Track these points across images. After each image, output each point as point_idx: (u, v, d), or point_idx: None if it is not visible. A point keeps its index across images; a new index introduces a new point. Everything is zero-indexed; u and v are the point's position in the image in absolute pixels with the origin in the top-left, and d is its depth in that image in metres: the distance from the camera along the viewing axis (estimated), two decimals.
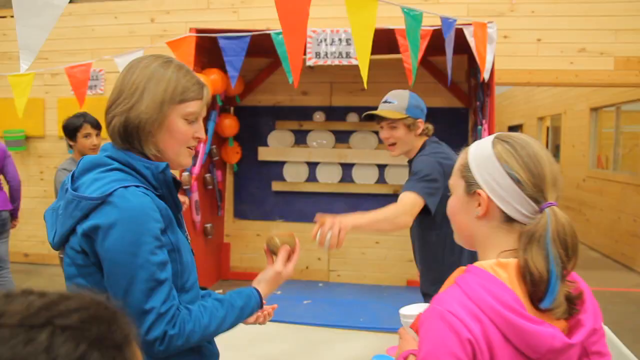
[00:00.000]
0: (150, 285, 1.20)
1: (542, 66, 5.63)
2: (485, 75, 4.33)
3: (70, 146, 3.61)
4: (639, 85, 5.79)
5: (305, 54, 4.52)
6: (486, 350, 1.00)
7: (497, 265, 1.06)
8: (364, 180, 5.87)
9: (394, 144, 2.51)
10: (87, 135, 3.50)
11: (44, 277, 6.14)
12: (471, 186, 1.14)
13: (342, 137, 5.91)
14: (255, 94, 6.01)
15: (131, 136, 1.32)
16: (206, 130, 5.33)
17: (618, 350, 2.00)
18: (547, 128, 11.40)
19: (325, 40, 4.54)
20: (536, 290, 1.03)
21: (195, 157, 5.13)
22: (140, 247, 1.20)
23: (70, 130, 3.51)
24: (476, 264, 1.10)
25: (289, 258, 1.62)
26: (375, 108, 5.75)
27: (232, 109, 5.97)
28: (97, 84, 6.35)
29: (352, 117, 5.86)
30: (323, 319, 4.61)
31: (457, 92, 5.60)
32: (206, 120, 5.37)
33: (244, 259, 6.14)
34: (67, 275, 1.30)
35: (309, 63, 4.57)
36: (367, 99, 5.76)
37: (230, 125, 5.69)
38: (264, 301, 1.51)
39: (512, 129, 14.26)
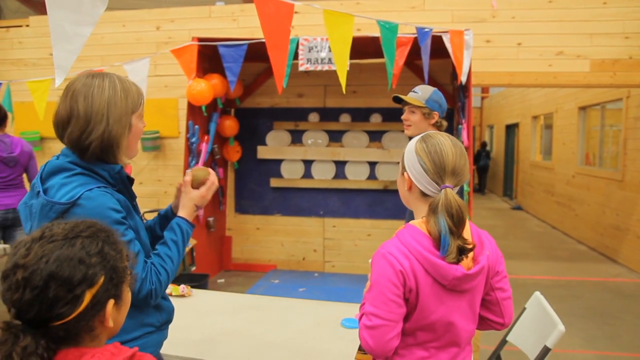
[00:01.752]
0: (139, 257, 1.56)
1: (523, 68, 5.98)
2: (463, 79, 4.69)
3: None
4: (613, 85, 6.14)
5: (298, 59, 4.89)
6: (412, 278, 1.46)
7: (422, 222, 1.52)
8: (356, 176, 6.25)
9: (409, 125, 3.04)
10: None
11: None
12: (403, 169, 1.62)
13: (335, 137, 6.29)
14: (254, 96, 6.40)
15: (108, 153, 1.57)
16: (208, 131, 5.75)
17: (544, 310, 2.37)
18: (541, 126, 11.70)
19: (315, 47, 4.91)
20: (437, 244, 1.48)
21: (198, 155, 5.53)
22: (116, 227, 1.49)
23: None
24: (411, 222, 1.56)
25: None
26: (366, 109, 6.45)
27: (232, 110, 6.35)
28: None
29: (345, 118, 6.24)
30: None
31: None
32: (208, 121, 5.78)
33: (245, 251, 6.54)
34: None
35: (301, 68, 4.93)
36: (359, 100, 6.18)
37: (230, 126, 6.08)
38: (190, 219, 1.79)
39: (509, 127, 14.56)
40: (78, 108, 1.55)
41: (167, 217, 1.90)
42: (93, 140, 1.55)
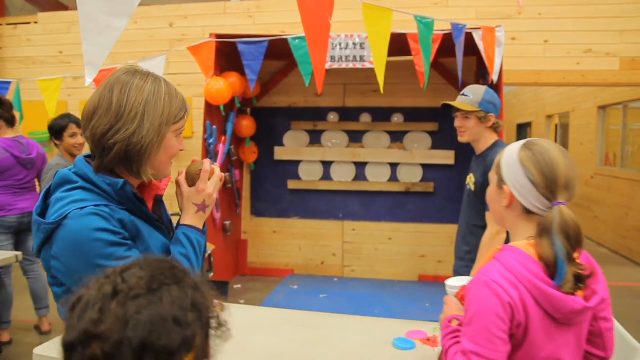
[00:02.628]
0: None
1: (550, 67, 5.79)
2: (494, 78, 4.50)
3: (56, 145, 3.83)
4: None
5: None
6: (522, 311, 1.26)
7: (529, 245, 1.32)
8: (377, 178, 6.05)
9: (464, 132, 2.80)
10: (73, 135, 3.73)
11: None
12: (501, 181, 1.41)
13: (355, 137, 6.08)
14: (271, 95, 6.20)
15: (131, 161, 1.35)
16: (225, 131, 5.55)
17: (621, 336, 2.17)
18: (556, 126, 11.50)
19: (340, 44, 4.72)
20: (550, 270, 1.27)
21: (215, 156, 5.33)
22: (105, 260, 1.26)
23: (57, 130, 3.75)
24: (511, 243, 1.36)
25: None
26: (387, 109, 6.20)
27: (249, 110, 6.16)
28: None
29: (365, 118, 6.03)
30: (339, 310, 4.80)
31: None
32: (225, 121, 5.58)
33: (261, 254, 6.35)
34: (48, 282, 1.38)
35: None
36: (380, 99, 5.97)
37: (247, 126, 5.88)
38: (197, 226, 1.50)
39: (521, 127, 14.36)
40: (111, 98, 1.33)
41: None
42: (119, 140, 1.32)
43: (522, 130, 14.33)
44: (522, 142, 1.41)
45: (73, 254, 1.27)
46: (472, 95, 2.76)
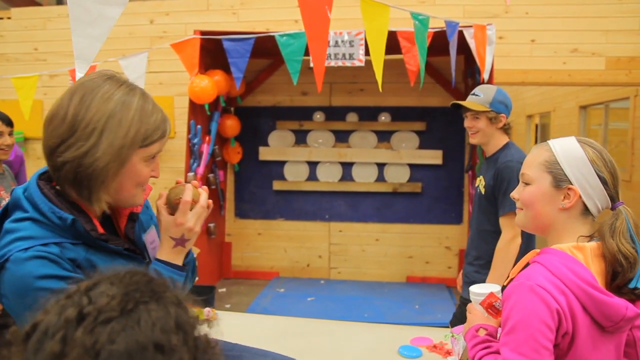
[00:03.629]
0: None
1: (536, 66, 5.77)
2: (485, 76, 4.44)
3: None
4: (628, 84, 5.96)
5: (308, 55, 4.59)
6: (570, 319, 1.18)
7: (575, 248, 1.25)
8: (364, 178, 5.96)
9: (476, 133, 2.69)
10: None
11: None
12: (561, 181, 1.30)
13: (341, 137, 5.99)
14: (255, 94, 6.07)
15: (81, 185, 1.16)
16: (209, 131, 5.40)
17: None
18: (536, 126, 11.57)
19: (329, 42, 4.61)
20: (624, 271, 1.20)
21: (199, 157, 5.18)
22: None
23: None
24: (554, 246, 1.27)
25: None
26: (374, 108, 6.09)
27: (233, 109, 6.02)
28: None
29: (352, 117, 5.94)
30: (329, 314, 4.71)
31: (454, 92, 5.71)
32: (209, 121, 5.44)
33: (245, 257, 6.21)
34: None
35: (312, 64, 4.62)
36: (366, 98, 5.89)
37: (231, 125, 5.74)
38: (174, 262, 1.28)
39: None
40: (68, 107, 1.14)
41: None
42: (68, 159, 1.13)
43: None
44: (574, 138, 1.33)
45: (17, 300, 1.10)
46: (483, 94, 2.67)
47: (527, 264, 1.33)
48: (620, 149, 7.69)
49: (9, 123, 3.21)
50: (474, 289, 1.56)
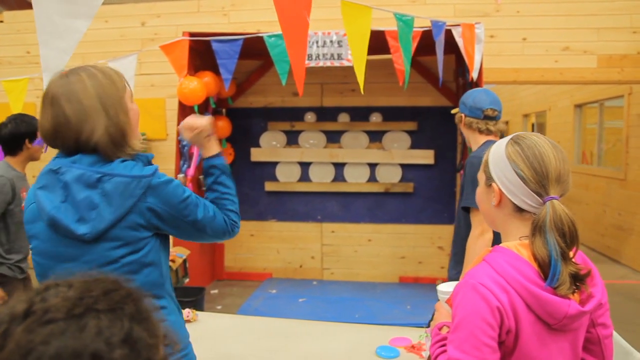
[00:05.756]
0: (203, 202, 1.51)
1: (528, 65, 5.75)
2: (474, 75, 4.43)
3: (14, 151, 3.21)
4: (620, 82, 5.95)
5: None
6: (512, 316, 1.16)
7: (520, 245, 1.23)
8: (356, 179, 5.95)
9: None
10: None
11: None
12: (489, 180, 1.32)
13: (333, 137, 5.98)
14: (247, 95, 6.07)
15: (120, 145, 1.44)
16: None
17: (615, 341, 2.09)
18: (532, 125, 11.55)
19: (317, 42, 4.61)
20: (544, 271, 1.17)
21: (190, 159, 5.18)
22: (186, 191, 1.47)
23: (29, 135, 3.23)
24: (502, 244, 1.26)
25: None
26: (365, 108, 6.07)
27: (224, 110, 6.01)
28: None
29: (343, 117, 5.93)
30: (320, 315, 4.70)
31: (445, 91, 5.71)
32: None
33: (238, 259, 6.20)
34: (111, 259, 1.39)
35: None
36: (358, 99, 5.88)
37: (222, 127, 5.73)
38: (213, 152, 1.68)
39: None
40: (65, 113, 1.37)
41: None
42: (99, 138, 1.40)
43: None
44: (509, 136, 1.32)
45: (173, 185, 1.45)
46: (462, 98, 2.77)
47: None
48: (618, 147, 7.68)
49: None
50: (441, 287, 1.56)
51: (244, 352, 2.25)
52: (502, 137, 2.75)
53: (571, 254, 1.20)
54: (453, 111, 2.83)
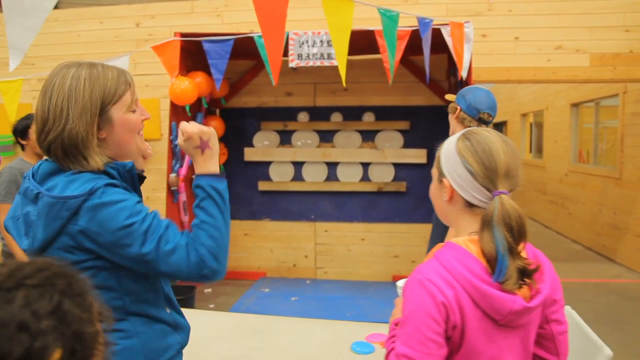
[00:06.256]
0: (163, 229, 1.31)
1: (520, 64, 5.76)
2: (463, 74, 4.44)
3: (22, 146, 3.56)
4: (613, 80, 5.95)
5: (287, 55, 4.60)
6: (458, 312, 1.17)
7: (469, 241, 1.23)
8: (349, 178, 5.96)
9: None
10: None
11: None
12: (441, 175, 1.32)
13: (326, 137, 5.99)
14: (240, 95, 6.09)
15: (73, 155, 1.34)
16: None
17: (581, 330, 2.11)
18: (531, 124, 11.54)
19: (307, 42, 4.63)
20: (492, 266, 1.18)
21: (182, 158, 5.20)
22: (139, 214, 1.29)
23: (21, 130, 3.51)
24: (452, 240, 1.26)
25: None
26: (358, 107, 6.11)
27: (217, 110, 6.04)
28: None
29: (336, 117, 5.95)
30: (311, 314, 4.72)
31: (437, 90, 5.72)
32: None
33: (232, 258, 6.21)
34: None
35: (291, 65, 4.64)
36: (350, 98, 5.90)
37: (216, 126, 5.75)
38: (209, 171, 1.45)
39: (497, 126, 14.42)
40: (38, 106, 1.35)
41: None
42: (51, 141, 1.32)
43: (498, 129, 14.35)
44: (459, 133, 1.33)
45: (117, 208, 1.28)
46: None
47: None
48: (614, 146, 7.67)
49: None
50: (399, 283, 1.57)
51: (219, 350, 2.27)
52: None
53: (520, 248, 1.21)
54: (448, 97, 2.82)
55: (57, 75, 1.35)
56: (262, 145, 6.06)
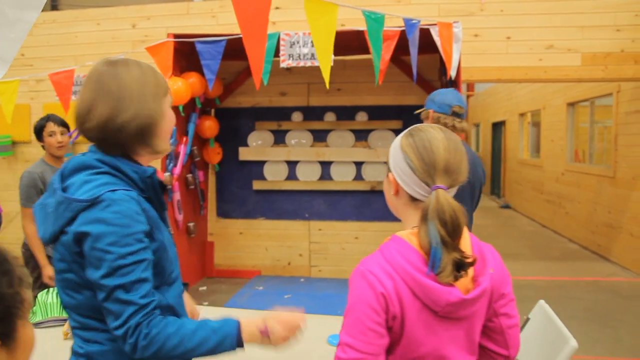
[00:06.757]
0: (132, 279, 1.24)
1: (512, 63, 5.80)
2: (452, 73, 4.48)
3: (43, 147, 3.67)
4: (605, 80, 5.98)
5: (279, 56, 4.65)
6: (397, 302, 1.21)
7: (411, 233, 1.27)
8: (342, 177, 6.01)
9: None
10: (51, 134, 3.56)
11: None
12: (388, 170, 1.37)
13: (320, 136, 6.04)
14: (234, 95, 6.15)
15: (145, 136, 1.35)
16: (186, 132, 5.48)
17: (553, 323, 2.16)
18: (529, 124, 11.57)
19: (297, 42, 4.68)
20: (428, 258, 1.22)
21: (176, 158, 5.27)
22: (124, 247, 1.24)
23: (37, 131, 3.61)
24: (397, 233, 1.31)
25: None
26: (351, 107, 6.18)
27: (212, 110, 6.10)
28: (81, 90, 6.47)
29: (330, 117, 6.00)
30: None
31: (430, 90, 5.71)
32: (186, 122, 5.52)
33: (228, 256, 6.28)
34: (56, 270, 1.35)
35: (282, 65, 4.69)
36: (344, 98, 5.95)
37: (210, 126, 5.81)
38: (244, 334, 1.35)
39: (496, 125, 14.43)
40: (109, 85, 1.33)
41: None
42: (128, 119, 1.32)
43: (497, 129, 14.41)
44: (408, 129, 1.38)
45: (114, 231, 1.25)
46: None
47: None
48: (609, 146, 7.69)
49: (61, 123, 3.64)
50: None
51: None
52: (465, 136, 2.85)
53: (460, 242, 1.24)
54: (417, 111, 2.92)
55: (117, 66, 1.37)
56: (257, 145, 6.12)
